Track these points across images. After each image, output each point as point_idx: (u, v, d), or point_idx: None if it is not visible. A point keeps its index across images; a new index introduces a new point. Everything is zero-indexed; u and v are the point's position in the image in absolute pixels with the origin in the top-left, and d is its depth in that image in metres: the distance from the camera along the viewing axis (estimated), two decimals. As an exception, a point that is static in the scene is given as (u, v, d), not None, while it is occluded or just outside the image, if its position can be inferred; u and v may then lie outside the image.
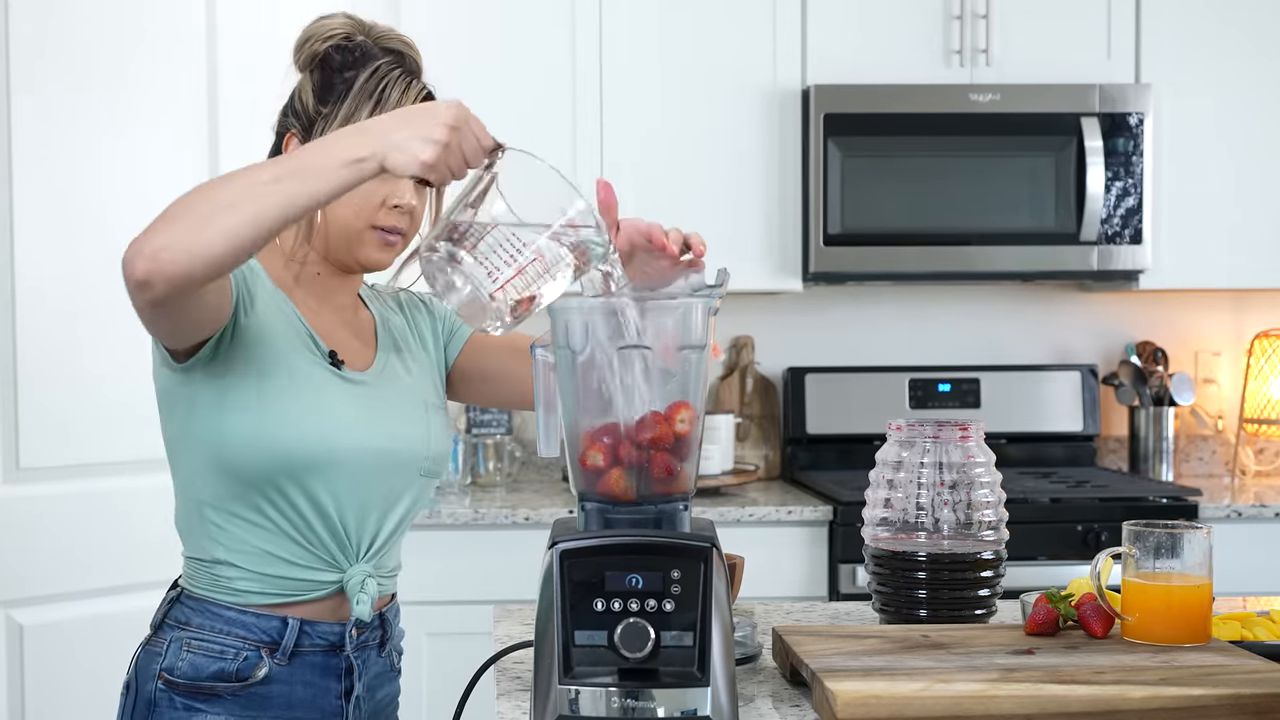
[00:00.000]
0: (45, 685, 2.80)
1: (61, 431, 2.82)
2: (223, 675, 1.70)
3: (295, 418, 1.67)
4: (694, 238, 1.59)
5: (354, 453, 1.70)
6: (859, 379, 3.83)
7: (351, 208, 1.72)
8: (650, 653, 1.38)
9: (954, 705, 1.40)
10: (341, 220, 1.73)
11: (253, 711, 1.70)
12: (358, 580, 1.73)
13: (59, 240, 2.81)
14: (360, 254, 1.76)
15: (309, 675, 1.74)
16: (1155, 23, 3.61)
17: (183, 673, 1.70)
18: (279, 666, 1.71)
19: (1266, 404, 3.82)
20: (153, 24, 2.91)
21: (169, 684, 1.70)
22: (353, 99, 1.72)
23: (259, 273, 1.74)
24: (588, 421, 1.46)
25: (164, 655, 1.72)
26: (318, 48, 1.76)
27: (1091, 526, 3.30)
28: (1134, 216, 3.55)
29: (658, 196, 3.54)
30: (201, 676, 1.70)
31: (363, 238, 1.74)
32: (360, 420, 1.72)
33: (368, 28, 1.80)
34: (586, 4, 3.52)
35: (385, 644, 1.84)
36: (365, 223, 1.73)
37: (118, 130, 2.88)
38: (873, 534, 1.90)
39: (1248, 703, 1.41)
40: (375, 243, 1.75)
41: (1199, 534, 1.67)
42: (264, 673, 1.70)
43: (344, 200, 1.66)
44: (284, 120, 1.79)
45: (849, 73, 3.55)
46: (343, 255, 1.77)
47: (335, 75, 1.74)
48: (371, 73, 1.74)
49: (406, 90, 1.75)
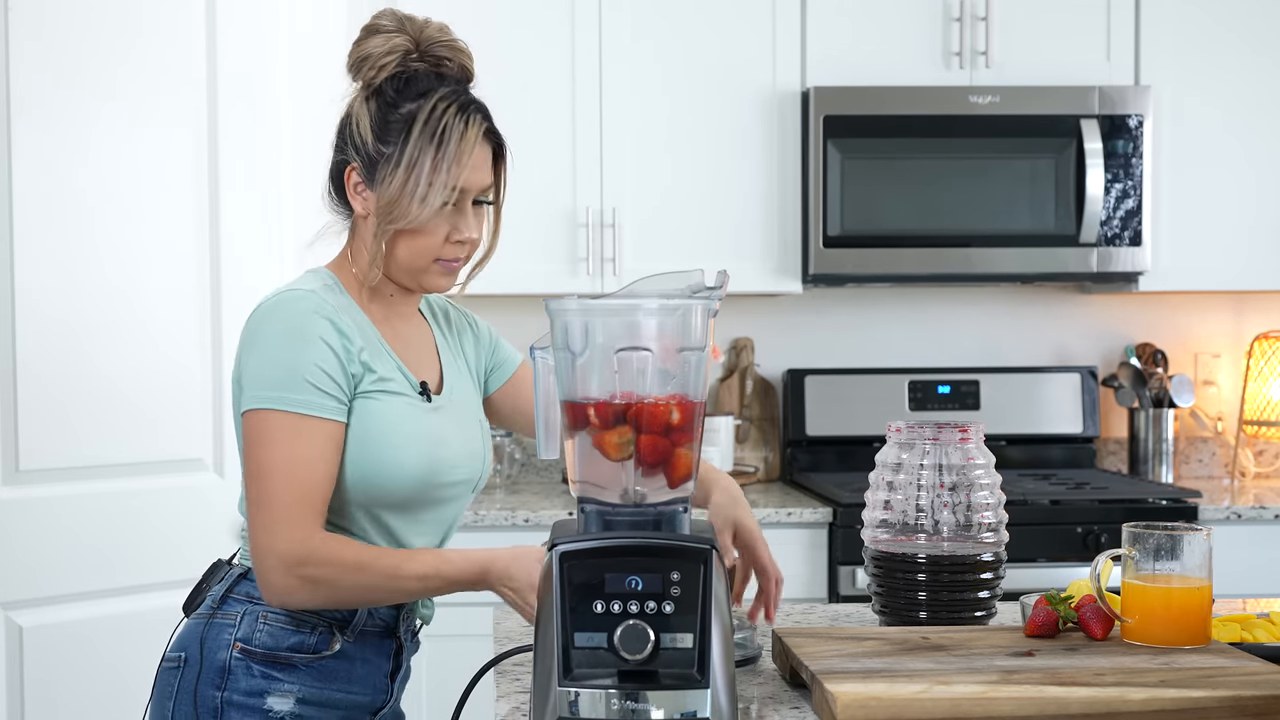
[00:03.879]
0: (44, 687, 2.80)
1: (61, 433, 2.81)
2: (301, 647, 1.77)
3: (386, 456, 1.75)
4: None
5: (439, 486, 1.81)
6: (858, 381, 3.83)
7: (417, 248, 1.78)
8: (650, 655, 1.38)
9: (954, 707, 1.40)
10: (406, 259, 1.79)
11: (321, 683, 1.78)
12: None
13: (58, 241, 2.81)
14: (424, 282, 1.82)
15: (368, 653, 1.83)
16: (1155, 25, 3.61)
17: (260, 642, 1.76)
18: (348, 643, 1.80)
19: (1266, 406, 3.82)
20: (153, 25, 2.91)
21: (246, 653, 1.76)
22: (414, 145, 1.74)
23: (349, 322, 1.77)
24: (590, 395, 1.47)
25: (238, 626, 1.77)
26: (372, 78, 1.79)
27: (1091, 528, 3.30)
28: (1133, 218, 3.55)
29: (658, 198, 3.55)
30: (281, 647, 1.76)
31: (429, 270, 1.80)
32: (448, 451, 1.81)
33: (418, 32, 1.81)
34: (586, 6, 3.52)
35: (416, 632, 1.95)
36: (430, 258, 1.79)
37: (118, 133, 2.88)
38: (872, 536, 1.90)
39: (1248, 705, 1.41)
40: (439, 272, 1.81)
41: (1199, 536, 1.67)
42: (339, 647, 1.79)
43: (410, 242, 1.77)
44: (343, 148, 1.82)
45: (849, 75, 3.56)
46: (405, 282, 1.83)
47: (391, 110, 1.77)
48: (430, 112, 1.76)
49: (465, 130, 1.76)
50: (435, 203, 1.74)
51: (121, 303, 2.87)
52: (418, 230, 1.76)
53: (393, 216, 1.75)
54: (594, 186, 3.54)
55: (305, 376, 1.69)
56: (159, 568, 2.91)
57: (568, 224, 3.53)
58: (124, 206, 2.89)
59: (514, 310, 3.40)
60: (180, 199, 2.96)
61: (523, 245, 3.50)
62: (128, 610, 2.88)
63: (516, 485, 3.75)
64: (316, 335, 1.71)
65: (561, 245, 3.53)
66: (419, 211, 1.74)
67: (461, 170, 1.75)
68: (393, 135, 1.76)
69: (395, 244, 1.78)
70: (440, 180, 1.74)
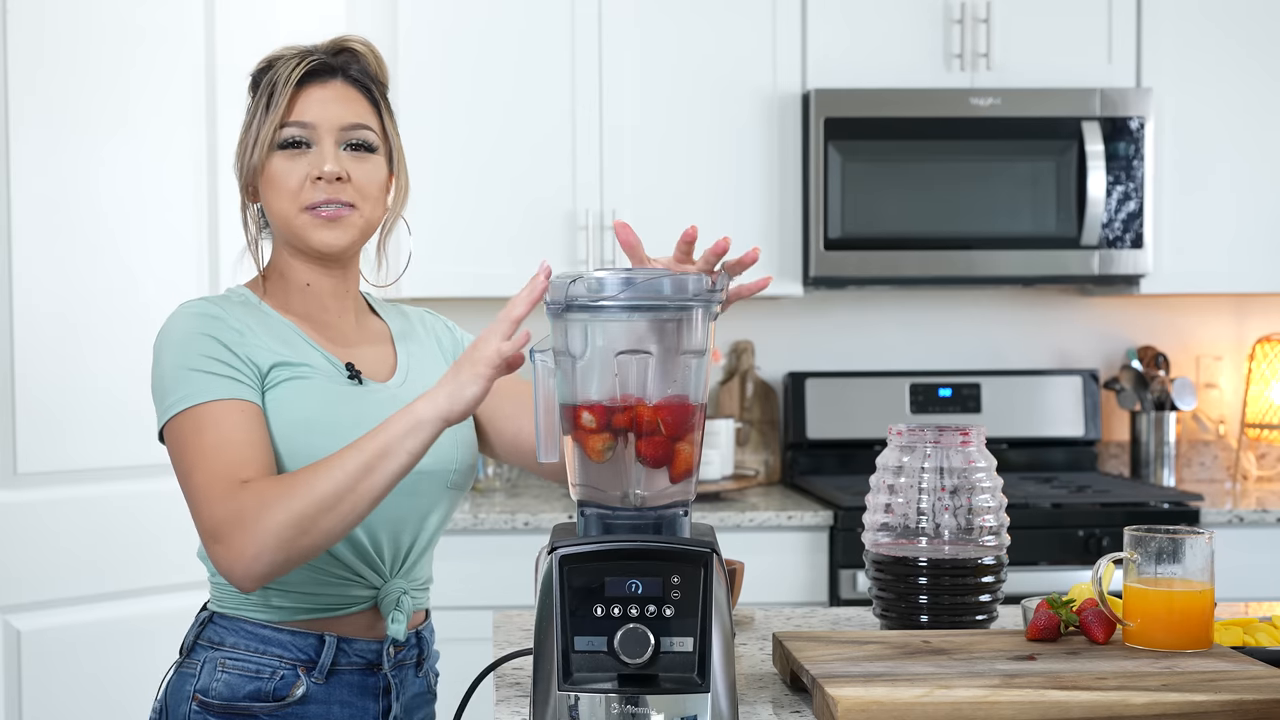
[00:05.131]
0: (43, 690, 2.79)
1: (59, 436, 2.81)
2: (259, 695, 1.66)
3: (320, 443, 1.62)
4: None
5: None
6: (859, 384, 3.83)
7: (278, 196, 1.70)
8: (650, 658, 1.37)
9: (955, 711, 1.39)
10: (278, 215, 1.71)
11: None
12: (392, 598, 1.71)
13: (56, 244, 2.81)
14: (306, 238, 1.71)
15: (347, 695, 1.70)
16: (1156, 26, 3.61)
17: (218, 693, 1.66)
18: (316, 685, 1.68)
19: (1268, 409, 3.82)
20: (152, 25, 2.91)
21: (204, 705, 1.66)
22: (254, 101, 1.71)
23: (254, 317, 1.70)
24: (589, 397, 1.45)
25: (198, 676, 1.68)
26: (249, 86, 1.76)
27: (1093, 532, 3.30)
28: (1135, 221, 3.54)
29: (658, 200, 3.54)
30: (238, 697, 1.66)
31: (301, 221, 1.70)
32: None
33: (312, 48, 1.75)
34: (586, 8, 3.52)
35: (422, 664, 1.81)
36: (296, 207, 1.69)
37: (116, 134, 2.88)
38: (873, 539, 1.90)
39: (1250, 709, 1.41)
40: (313, 223, 1.69)
41: (1201, 539, 1.66)
42: (301, 692, 1.67)
43: (269, 195, 1.70)
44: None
45: (849, 77, 3.55)
46: (295, 243, 1.73)
47: (252, 92, 1.74)
48: (271, 69, 1.71)
49: (296, 67, 1.69)
50: (264, 140, 1.67)
51: (120, 306, 2.87)
52: (270, 177, 1.68)
53: (239, 174, 1.71)
54: (594, 189, 3.53)
55: (194, 367, 1.61)
56: (157, 572, 2.90)
57: (568, 226, 3.52)
58: (123, 209, 2.89)
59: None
60: (179, 201, 2.96)
61: (522, 247, 3.49)
62: (126, 614, 2.87)
63: (516, 488, 3.75)
64: (198, 332, 1.63)
65: (561, 248, 3.52)
66: (251, 157, 1.68)
67: (282, 100, 1.67)
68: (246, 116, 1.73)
69: (266, 205, 1.71)
70: (268, 120, 1.68)
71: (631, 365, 1.43)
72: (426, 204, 3.50)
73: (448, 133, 3.49)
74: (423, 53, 3.49)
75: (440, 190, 3.49)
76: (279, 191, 1.69)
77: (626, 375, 1.43)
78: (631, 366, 1.43)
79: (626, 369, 1.43)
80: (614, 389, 1.44)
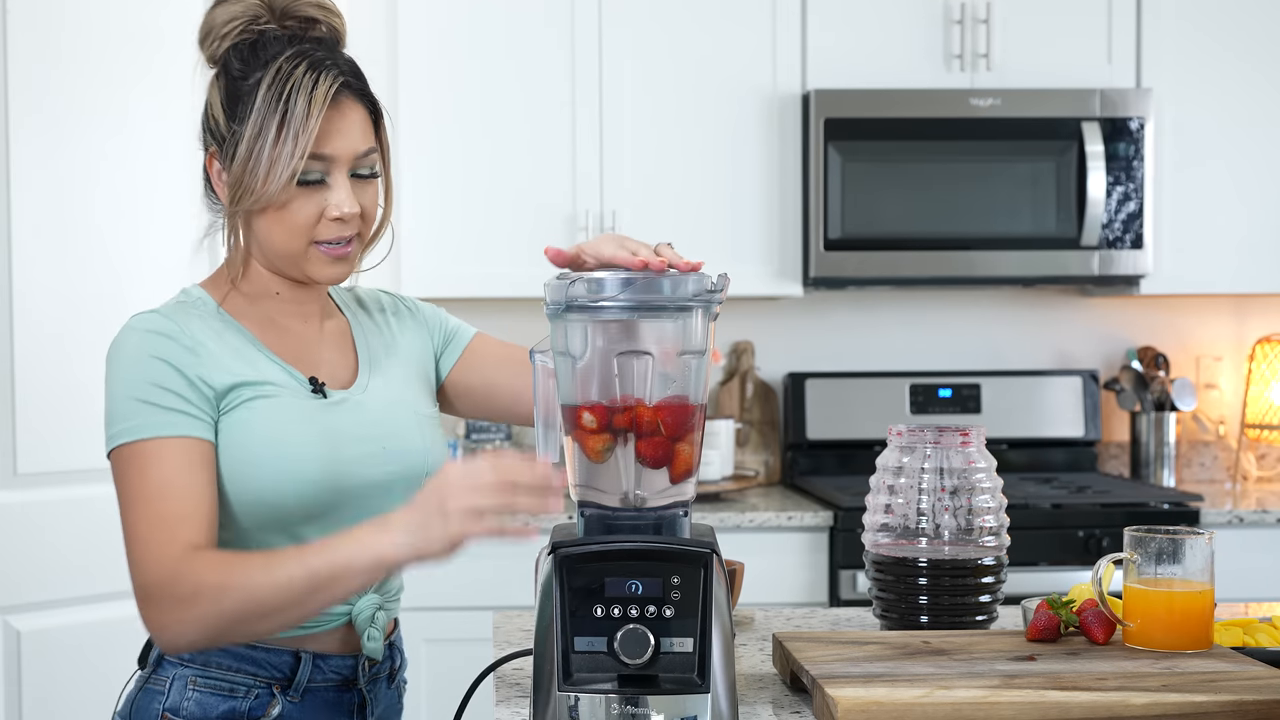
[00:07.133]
0: (42, 691, 2.79)
1: (59, 437, 2.81)
2: (233, 715, 1.60)
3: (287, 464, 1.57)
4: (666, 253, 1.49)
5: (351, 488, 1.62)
6: (859, 384, 3.83)
7: (286, 230, 1.59)
8: (650, 659, 1.37)
9: (955, 712, 1.39)
10: (279, 245, 1.61)
11: None
12: (367, 614, 1.66)
13: (56, 246, 2.81)
14: (310, 271, 1.63)
15: (322, 713, 1.65)
16: (1156, 27, 3.61)
17: (189, 712, 1.60)
18: (291, 704, 1.62)
19: (1268, 409, 3.82)
20: (151, 27, 2.91)
21: None
22: (258, 112, 1.55)
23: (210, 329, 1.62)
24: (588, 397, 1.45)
25: (167, 694, 1.61)
26: (215, 49, 1.61)
27: (1093, 532, 3.29)
28: (1135, 221, 3.54)
29: (658, 201, 3.54)
30: (210, 716, 1.60)
31: (307, 256, 1.61)
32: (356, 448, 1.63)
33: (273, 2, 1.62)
34: (586, 8, 3.52)
35: (394, 675, 1.77)
36: (305, 241, 1.60)
37: (116, 139, 2.88)
38: (873, 540, 1.90)
39: (1250, 709, 1.41)
40: (322, 259, 1.61)
41: (1201, 540, 1.66)
42: (277, 711, 1.61)
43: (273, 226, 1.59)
44: (203, 136, 1.65)
45: (849, 77, 3.55)
46: (290, 273, 1.65)
47: (240, 83, 1.59)
48: (275, 74, 1.56)
49: (314, 89, 1.55)
50: (283, 175, 1.54)
51: (120, 306, 2.85)
52: (280, 209, 1.57)
53: (239, 195, 1.56)
54: (594, 189, 3.53)
55: (141, 398, 1.55)
56: (158, 571, 2.90)
57: (567, 227, 3.52)
58: (122, 210, 2.89)
59: (513, 314, 3.40)
60: (178, 203, 2.96)
61: (521, 248, 3.49)
62: (126, 615, 2.85)
63: (517, 489, 3.74)
64: (148, 354, 1.56)
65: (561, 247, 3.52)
66: (266, 187, 1.55)
67: (310, 136, 1.54)
68: (241, 109, 1.56)
69: (260, 228, 1.59)
70: (288, 150, 1.54)
71: (631, 365, 1.43)
72: (426, 204, 3.50)
73: (447, 133, 3.49)
74: (422, 54, 3.49)
75: (440, 191, 3.49)
76: (289, 226, 1.59)
77: (626, 375, 1.43)
78: (631, 367, 1.43)
79: (626, 369, 1.43)
80: (614, 389, 1.44)
